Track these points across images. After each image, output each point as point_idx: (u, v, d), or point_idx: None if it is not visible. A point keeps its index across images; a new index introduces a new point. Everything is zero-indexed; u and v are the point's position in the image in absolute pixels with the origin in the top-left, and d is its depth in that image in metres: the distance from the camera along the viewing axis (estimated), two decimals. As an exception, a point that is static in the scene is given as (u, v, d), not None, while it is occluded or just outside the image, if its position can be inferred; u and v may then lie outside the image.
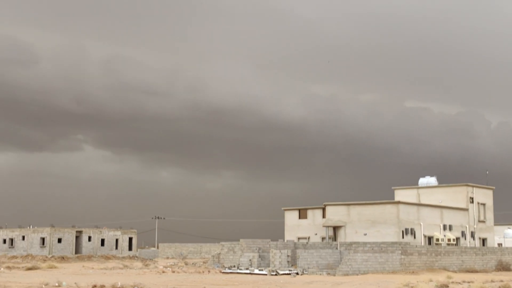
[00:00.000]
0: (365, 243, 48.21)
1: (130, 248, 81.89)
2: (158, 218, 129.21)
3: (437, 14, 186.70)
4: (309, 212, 61.67)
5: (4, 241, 77.43)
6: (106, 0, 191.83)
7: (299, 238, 60.69)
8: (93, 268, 56.85)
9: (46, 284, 33.15)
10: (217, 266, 53.43)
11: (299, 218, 62.30)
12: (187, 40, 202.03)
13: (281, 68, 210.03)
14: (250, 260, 50.74)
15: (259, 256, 50.92)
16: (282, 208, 64.42)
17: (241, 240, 54.01)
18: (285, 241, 56.60)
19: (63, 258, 70.63)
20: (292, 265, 48.74)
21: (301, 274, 44.88)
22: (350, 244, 48.90)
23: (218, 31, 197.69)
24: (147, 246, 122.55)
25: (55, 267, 56.03)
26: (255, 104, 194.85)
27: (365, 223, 56.40)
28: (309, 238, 60.68)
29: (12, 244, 76.74)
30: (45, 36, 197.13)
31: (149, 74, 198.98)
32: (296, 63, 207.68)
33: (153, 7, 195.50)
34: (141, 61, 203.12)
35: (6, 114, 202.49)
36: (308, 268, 46.60)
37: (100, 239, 78.82)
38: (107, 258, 75.35)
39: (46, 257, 70.77)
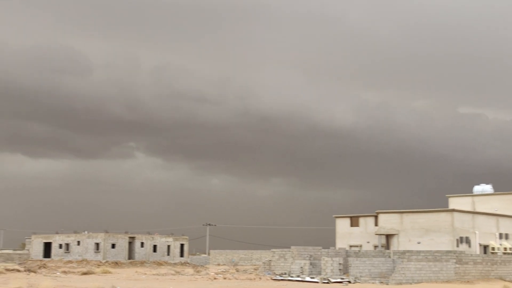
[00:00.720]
0: (418, 252, 47.44)
1: (181, 255, 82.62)
2: (209, 225, 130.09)
3: (491, 20, 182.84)
4: (361, 220, 61.08)
5: (60, 246, 79.14)
6: (157, 10, 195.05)
7: (350, 246, 60.16)
8: (145, 273, 57.57)
9: (101, 289, 33.74)
10: (268, 273, 53.38)
11: (351, 226, 61.77)
12: (237, 47, 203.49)
13: (332, 74, 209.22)
14: (301, 267, 50.53)
15: (310, 264, 50.67)
16: (333, 216, 64.02)
17: (292, 247, 53.86)
18: (337, 248, 56.20)
19: (116, 264, 71.76)
20: (344, 273, 48.32)
21: (353, 283, 44.43)
22: (404, 252, 48.18)
23: (268, 38, 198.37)
24: (198, 253, 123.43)
25: (109, 272, 56.98)
26: (305, 111, 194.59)
27: (418, 231, 55.50)
28: (361, 246, 60.08)
29: (67, 249, 78.39)
30: (99, 45, 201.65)
31: (200, 81, 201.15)
32: (347, 70, 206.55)
33: (203, 16, 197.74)
34: (191, 69, 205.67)
35: (62, 122, 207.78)
36: (361, 276, 46.10)
37: (152, 245, 79.78)
38: (159, 264, 76.18)
39: (100, 262, 72.04)
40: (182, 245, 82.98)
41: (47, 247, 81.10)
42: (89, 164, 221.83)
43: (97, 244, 75.72)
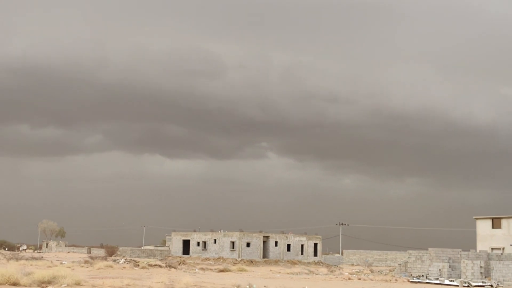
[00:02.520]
0: None
1: (315, 254, 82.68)
2: (342, 224, 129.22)
3: None
4: (504, 222, 57.97)
5: (198, 244, 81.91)
6: (287, 11, 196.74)
7: (492, 249, 57.28)
8: (280, 272, 58.12)
9: (238, 286, 34.45)
10: (405, 275, 52.06)
11: (492, 227, 58.81)
12: (367, 44, 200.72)
13: (468, 69, 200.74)
14: (439, 270, 48.80)
15: (449, 266, 48.79)
16: (474, 217, 61.30)
17: (429, 249, 52.15)
18: (477, 251, 53.71)
19: (251, 262, 73.13)
20: (485, 277, 46.07)
21: (496, 287, 42.22)
22: (552, 256, 45.17)
23: (400, 34, 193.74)
24: (331, 252, 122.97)
25: (245, 270, 58.08)
26: (440, 108, 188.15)
27: None
28: (503, 249, 57.06)
29: (205, 247, 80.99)
30: (232, 47, 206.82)
31: (330, 80, 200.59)
32: (485, 64, 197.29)
33: (333, 14, 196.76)
34: (322, 68, 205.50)
35: (197, 123, 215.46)
36: (503, 280, 43.75)
37: (286, 245, 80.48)
38: (293, 263, 76.69)
39: (236, 260, 73.75)
40: (315, 245, 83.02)
41: (186, 244, 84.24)
42: (223, 164, 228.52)
43: (233, 243, 77.58)
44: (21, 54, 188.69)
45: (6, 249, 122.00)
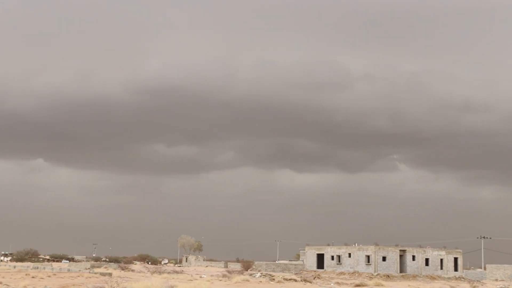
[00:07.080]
0: None
1: (455, 269, 79.25)
2: (484, 238, 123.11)
3: None
4: None
5: (332, 258, 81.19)
6: (411, 17, 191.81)
7: None
8: (418, 287, 56.22)
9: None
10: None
11: None
12: (502, 49, 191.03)
13: None
14: None
15: None
16: None
17: None
18: None
19: (388, 276, 71.37)
20: None
21: None
22: None
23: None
24: (473, 267, 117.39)
25: (382, 285, 56.78)
26: None
27: None
28: None
29: (339, 261, 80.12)
30: (359, 57, 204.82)
31: (464, 88, 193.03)
32: None
33: (464, 18, 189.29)
34: (455, 75, 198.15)
35: (326, 137, 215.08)
36: None
37: (424, 259, 77.82)
38: (432, 278, 73.98)
39: (372, 274, 72.29)
40: (455, 259, 79.62)
41: (320, 258, 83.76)
42: (354, 177, 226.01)
43: (368, 257, 76.15)
44: (155, 75, 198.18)
45: (149, 263, 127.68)
